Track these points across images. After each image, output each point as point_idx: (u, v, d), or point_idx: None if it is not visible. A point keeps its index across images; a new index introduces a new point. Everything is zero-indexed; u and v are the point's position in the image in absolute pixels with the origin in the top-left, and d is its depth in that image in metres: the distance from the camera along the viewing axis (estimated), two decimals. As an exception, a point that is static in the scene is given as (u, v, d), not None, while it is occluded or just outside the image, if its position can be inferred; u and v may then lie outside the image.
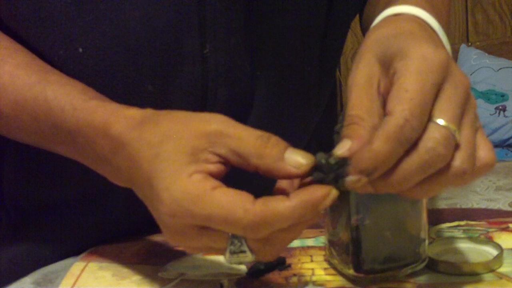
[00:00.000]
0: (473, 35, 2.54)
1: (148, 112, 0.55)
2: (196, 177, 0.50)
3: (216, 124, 0.51)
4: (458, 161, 0.50)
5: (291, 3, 0.70)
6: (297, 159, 0.50)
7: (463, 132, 0.51)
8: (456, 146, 0.50)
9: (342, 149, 0.51)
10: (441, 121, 0.49)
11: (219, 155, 0.51)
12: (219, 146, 0.51)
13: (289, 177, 0.51)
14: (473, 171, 0.51)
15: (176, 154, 0.51)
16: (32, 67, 0.62)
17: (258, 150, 0.50)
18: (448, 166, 0.50)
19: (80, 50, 0.64)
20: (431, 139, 0.49)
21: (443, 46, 0.55)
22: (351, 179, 0.50)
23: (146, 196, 0.53)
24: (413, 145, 0.49)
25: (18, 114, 0.61)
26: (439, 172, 0.50)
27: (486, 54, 2.47)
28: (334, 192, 0.50)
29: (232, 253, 0.51)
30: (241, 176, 0.52)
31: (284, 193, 0.51)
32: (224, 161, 0.51)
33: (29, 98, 0.60)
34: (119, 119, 0.55)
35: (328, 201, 0.50)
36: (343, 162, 0.50)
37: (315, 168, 0.51)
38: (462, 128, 0.51)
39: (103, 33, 0.63)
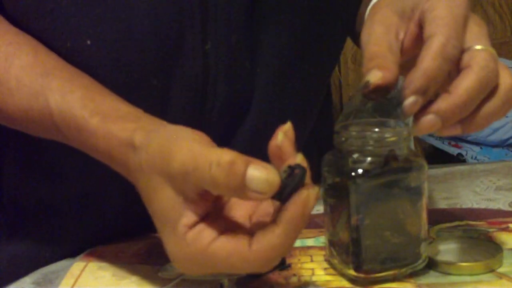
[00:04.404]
0: (473, 35, 2.54)
1: (138, 137, 0.55)
2: (190, 236, 0.51)
3: (177, 163, 0.50)
4: (507, 77, 0.55)
5: (292, 1, 0.70)
6: (260, 183, 0.48)
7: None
8: (500, 69, 0.55)
9: (375, 77, 0.53)
10: (479, 47, 0.55)
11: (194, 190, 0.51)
12: (187, 186, 0.50)
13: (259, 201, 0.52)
14: None
15: (164, 212, 0.52)
16: (35, 70, 0.62)
17: (216, 183, 0.48)
18: (502, 86, 0.55)
19: (88, 42, 0.64)
20: (482, 59, 0.54)
21: None
22: (409, 101, 0.52)
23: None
24: (465, 68, 0.54)
25: (27, 121, 0.62)
26: (494, 92, 0.54)
27: (486, 54, 2.46)
28: (312, 192, 0.49)
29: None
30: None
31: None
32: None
33: (35, 108, 0.61)
34: (119, 151, 0.56)
35: (312, 203, 0.50)
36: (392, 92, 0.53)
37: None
38: None
39: (111, 26, 0.64)
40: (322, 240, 0.67)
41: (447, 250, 0.63)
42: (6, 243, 0.72)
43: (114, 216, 0.72)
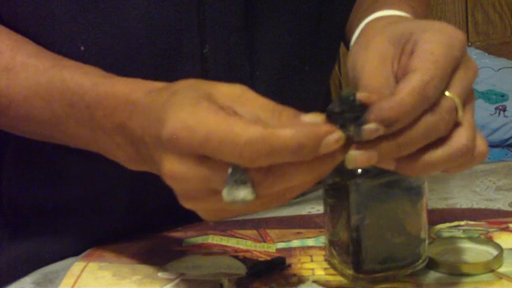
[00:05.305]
0: (473, 35, 2.54)
1: (170, 83, 0.54)
2: (206, 103, 0.49)
3: (239, 88, 0.51)
4: (464, 138, 0.51)
5: (289, 3, 0.70)
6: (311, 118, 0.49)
7: (467, 114, 0.52)
8: (461, 125, 0.51)
9: (362, 94, 0.49)
10: (447, 93, 0.51)
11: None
12: (242, 107, 0.50)
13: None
14: (472, 157, 0.52)
15: (192, 94, 0.50)
16: (44, 55, 0.62)
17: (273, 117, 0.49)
18: (453, 142, 0.51)
19: (82, 48, 0.64)
20: (436, 104, 0.50)
21: None
22: (370, 126, 0.48)
23: (154, 144, 0.51)
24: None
25: (30, 100, 0.60)
26: (443, 144, 0.51)
27: (486, 54, 2.47)
28: (339, 134, 0.47)
29: (233, 182, 0.47)
30: None
31: None
32: None
33: (43, 81, 0.59)
34: (140, 87, 0.55)
35: (332, 141, 0.47)
36: (365, 109, 0.48)
37: (337, 103, 0.49)
38: (466, 111, 0.52)
39: (105, 32, 0.63)
40: (322, 240, 0.67)
41: (447, 250, 0.63)
42: (7, 244, 0.72)
43: (114, 217, 0.72)
